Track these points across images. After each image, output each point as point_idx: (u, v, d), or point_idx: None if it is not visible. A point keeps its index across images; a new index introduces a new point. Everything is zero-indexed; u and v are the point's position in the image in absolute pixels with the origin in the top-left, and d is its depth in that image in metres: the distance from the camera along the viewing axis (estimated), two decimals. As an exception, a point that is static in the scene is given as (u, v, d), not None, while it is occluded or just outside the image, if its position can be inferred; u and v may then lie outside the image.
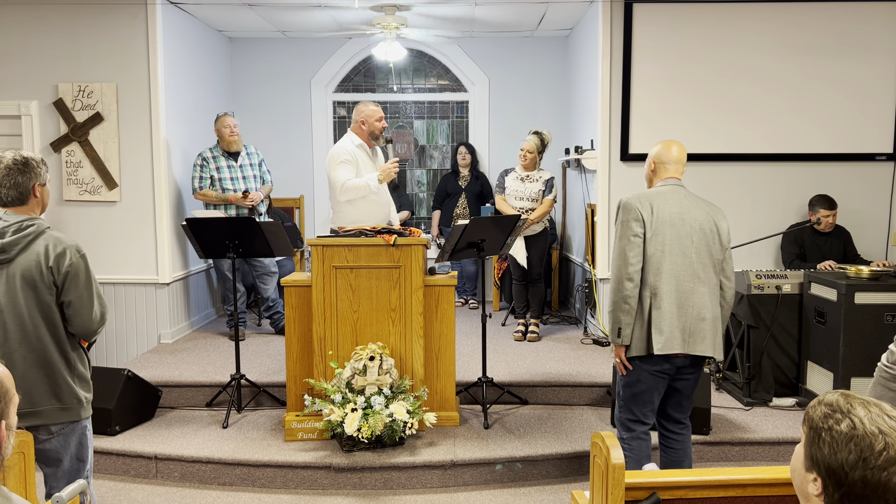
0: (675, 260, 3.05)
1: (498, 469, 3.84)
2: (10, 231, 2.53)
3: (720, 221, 3.15)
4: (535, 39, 7.06)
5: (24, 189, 2.58)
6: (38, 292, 2.57)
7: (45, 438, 2.62)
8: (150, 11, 5.30)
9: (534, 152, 5.50)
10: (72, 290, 2.59)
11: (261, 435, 4.11)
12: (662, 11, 5.22)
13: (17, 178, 2.56)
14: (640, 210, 3.05)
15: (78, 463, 2.72)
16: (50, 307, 2.59)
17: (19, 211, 2.59)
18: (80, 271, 2.61)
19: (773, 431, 4.16)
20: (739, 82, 5.27)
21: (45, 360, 2.60)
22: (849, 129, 5.31)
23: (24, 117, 5.37)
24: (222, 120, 5.56)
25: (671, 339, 3.02)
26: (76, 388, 2.66)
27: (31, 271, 2.54)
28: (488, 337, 5.19)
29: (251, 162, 5.70)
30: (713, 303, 3.11)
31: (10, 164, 2.55)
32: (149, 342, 5.52)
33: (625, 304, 3.06)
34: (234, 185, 5.54)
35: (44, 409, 2.59)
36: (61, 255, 2.57)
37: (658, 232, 3.05)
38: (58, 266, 2.56)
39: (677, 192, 3.14)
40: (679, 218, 3.07)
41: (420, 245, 4.11)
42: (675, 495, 1.97)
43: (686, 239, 3.06)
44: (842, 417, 1.33)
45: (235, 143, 5.58)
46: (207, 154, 5.56)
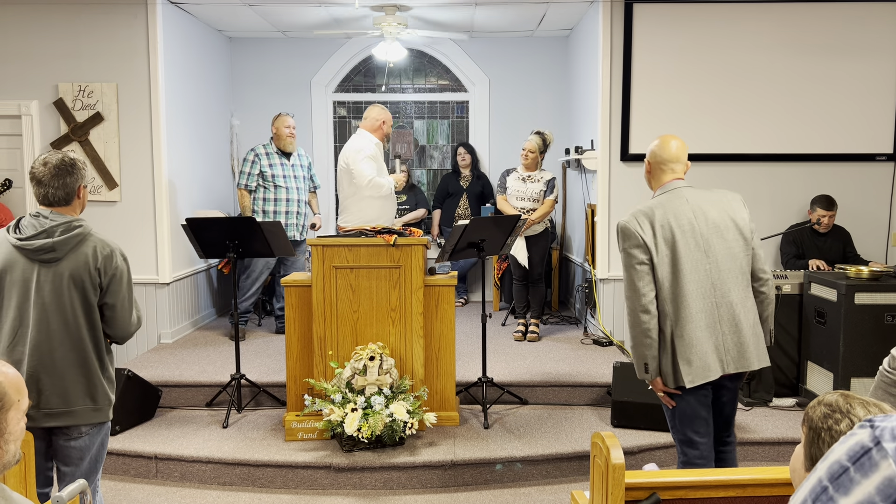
0: (690, 278, 2.77)
1: (498, 469, 3.84)
2: (58, 230, 2.57)
3: (737, 212, 2.85)
4: (535, 39, 7.06)
5: (70, 190, 2.62)
6: (85, 293, 2.61)
7: (76, 437, 2.65)
8: (150, 11, 5.30)
9: (535, 152, 5.50)
10: (116, 292, 2.65)
11: (261, 435, 4.11)
12: (662, 11, 5.22)
13: (65, 179, 2.59)
14: (641, 234, 2.79)
15: (95, 464, 2.75)
16: (93, 308, 2.64)
17: (63, 211, 2.63)
18: (125, 275, 2.68)
19: (773, 431, 4.16)
20: (740, 82, 5.27)
21: (84, 360, 2.64)
22: (849, 129, 5.31)
23: (24, 117, 5.37)
24: (283, 119, 5.63)
25: (703, 368, 2.77)
26: (108, 388, 2.71)
27: (80, 272, 2.58)
28: (488, 337, 5.20)
29: (302, 163, 5.79)
30: (748, 308, 2.82)
31: (58, 164, 2.59)
32: (149, 342, 5.52)
33: (646, 339, 2.80)
34: (287, 184, 5.62)
35: (78, 409, 2.63)
36: (109, 257, 2.62)
37: (665, 252, 2.78)
38: (105, 268, 2.61)
39: (680, 196, 2.85)
40: (687, 228, 2.79)
41: (420, 245, 4.11)
42: (675, 495, 1.97)
43: (698, 251, 2.78)
44: (841, 417, 1.33)
45: (292, 144, 5.67)
46: (261, 150, 5.62)
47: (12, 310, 2.59)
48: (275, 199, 5.60)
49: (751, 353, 2.80)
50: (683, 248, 2.78)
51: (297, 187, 5.69)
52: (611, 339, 5.43)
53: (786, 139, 5.32)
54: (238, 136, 7.00)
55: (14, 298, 2.58)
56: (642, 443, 4.01)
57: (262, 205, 5.61)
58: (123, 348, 5.54)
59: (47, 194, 2.59)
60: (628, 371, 4.31)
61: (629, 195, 5.35)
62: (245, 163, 5.62)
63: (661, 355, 2.82)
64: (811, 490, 1.14)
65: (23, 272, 2.58)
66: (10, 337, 2.59)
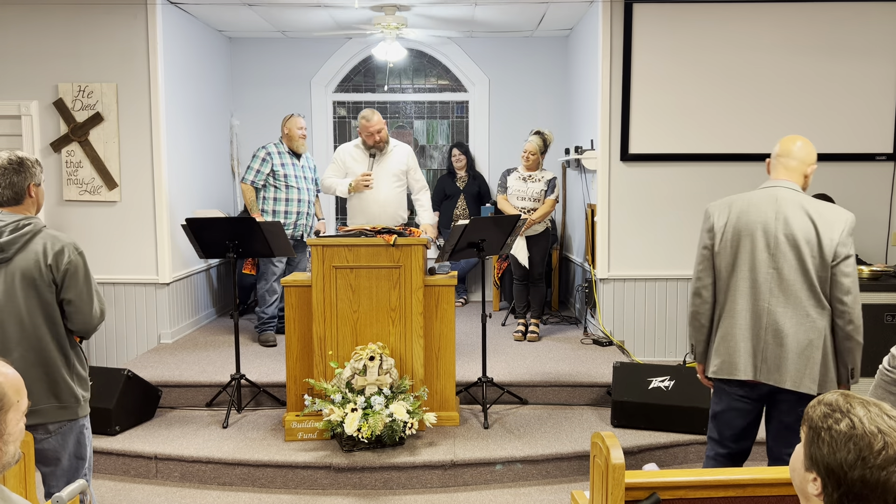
0: (745, 276, 2.72)
1: (498, 469, 3.84)
2: (7, 230, 2.54)
3: (828, 232, 2.66)
4: (535, 39, 7.06)
5: (19, 189, 2.59)
6: (38, 291, 2.57)
7: (44, 437, 2.62)
8: (150, 11, 5.30)
9: (536, 153, 5.50)
10: (72, 287, 2.61)
11: (261, 435, 4.11)
12: (662, 11, 5.21)
13: (12, 178, 2.57)
14: (715, 220, 2.80)
15: (77, 461, 2.72)
16: (51, 305, 2.60)
17: (15, 210, 2.60)
18: (79, 268, 2.62)
19: (773, 431, 4.16)
20: (740, 82, 5.27)
21: (45, 359, 2.61)
22: (849, 129, 5.31)
23: (24, 117, 5.37)
24: (295, 120, 5.59)
25: (729, 364, 2.75)
26: (74, 386, 2.67)
27: (31, 270, 2.55)
28: (488, 337, 5.20)
29: (310, 165, 5.78)
30: (804, 327, 2.68)
31: (4, 164, 2.56)
32: (149, 342, 5.51)
33: (695, 321, 2.86)
34: (298, 184, 5.59)
35: (42, 408, 2.59)
36: (60, 252, 2.58)
37: (728, 243, 2.76)
38: (57, 264, 2.57)
39: (771, 195, 2.75)
40: (760, 227, 2.72)
41: (420, 245, 4.11)
42: (675, 495, 1.97)
43: (763, 252, 2.70)
44: (841, 417, 1.33)
45: (304, 145, 5.67)
46: (273, 148, 5.57)
47: None
48: (286, 198, 5.55)
49: (788, 371, 2.68)
50: (748, 246, 2.73)
51: (308, 188, 5.68)
52: (611, 339, 5.43)
53: (786, 139, 5.32)
54: (238, 136, 7.00)
55: None
56: (642, 443, 4.01)
57: (273, 204, 5.54)
58: (124, 348, 5.54)
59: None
60: (628, 371, 4.32)
61: (629, 195, 5.35)
62: (255, 159, 5.54)
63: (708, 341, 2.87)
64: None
65: None
66: None
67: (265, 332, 5.60)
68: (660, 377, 4.22)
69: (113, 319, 5.50)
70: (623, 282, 5.42)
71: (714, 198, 5.32)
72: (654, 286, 5.43)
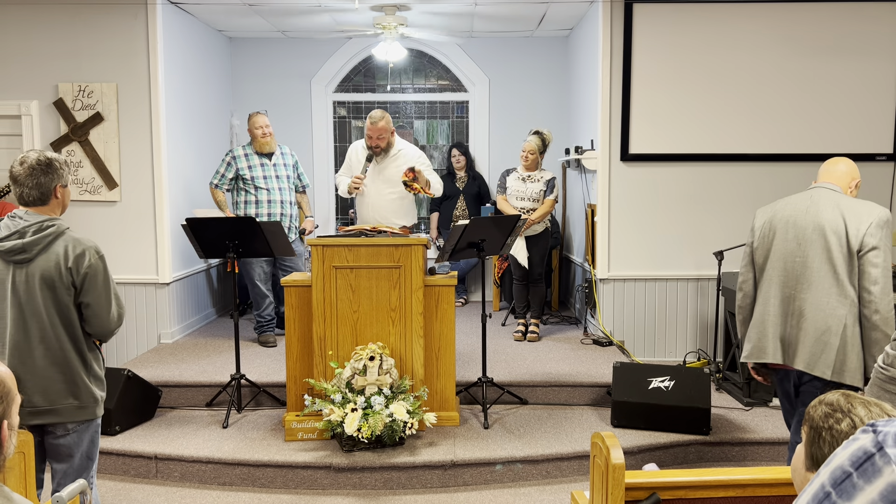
0: (776, 265, 2.93)
1: (498, 469, 3.84)
2: (30, 231, 2.56)
3: (854, 223, 2.79)
4: (535, 39, 7.06)
5: (45, 189, 2.60)
6: (57, 293, 2.60)
7: (62, 435, 2.66)
8: (150, 11, 5.30)
9: (535, 153, 5.49)
10: (90, 291, 2.63)
11: (261, 435, 4.11)
12: (662, 11, 5.22)
13: (39, 179, 2.58)
14: (757, 219, 3.04)
15: (87, 461, 2.76)
16: (68, 307, 2.62)
17: (40, 211, 2.62)
18: (99, 272, 2.64)
19: (773, 431, 4.16)
20: (740, 82, 5.27)
21: (63, 360, 2.63)
22: (849, 129, 5.31)
23: (24, 117, 5.37)
24: (253, 119, 5.43)
25: (758, 349, 2.95)
26: (92, 387, 2.71)
27: (51, 272, 2.57)
28: (488, 337, 5.19)
29: (285, 162, 5.56)
30: (825, 314, 2.80)
31: (33, 164, 2.58)
32: (149, 342, 5.51)
33: (739, 316, 3.10)
34: (268, 185, 5.42)
35: (61, 407, 2.63)
36: (80, 256, 2.60)
37: (765, 239, 2.98)
38: (77, 267, 2.59)
39: (811, 194, 2.95)
40: (791, 221, 2.91)
41: (420, 245, 4.11)
42: (675, 495, 1.97)
43: (792, 242, 2.89)
44: (842, 417, 1.33)
45: (268, 144, 5.44)
46: (239, 152, 5.44)
47: None
48: (256, 200, 5.40)
49: (803, 353, 2.83)
50: (781, 236, 2.93)
51: (280, 188, 5.47)
52: (611, 339, 5.43)
53: (786, 139, 5.32)
54: (238, 135, 7.00)
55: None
56: (642, 443, 4.01)
57: (244, 207, 5.42)
58: (124, 348, 5.54)
59: (23, 194, 2.58)
60: (628, 371, 4.32)
61: (629, 195, 5.35)
62: (221, 163, 5.44)
63: None
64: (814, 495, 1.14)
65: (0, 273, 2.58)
66: None
67: (264, 332, 5.59)
68: (660, 377, 4.22)
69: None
70: (623, 282, 5.42)
71: (714, 197, 5.35)
72: (654, 286, 5.43)
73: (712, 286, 5.30)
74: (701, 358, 5.38)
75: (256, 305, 5.57)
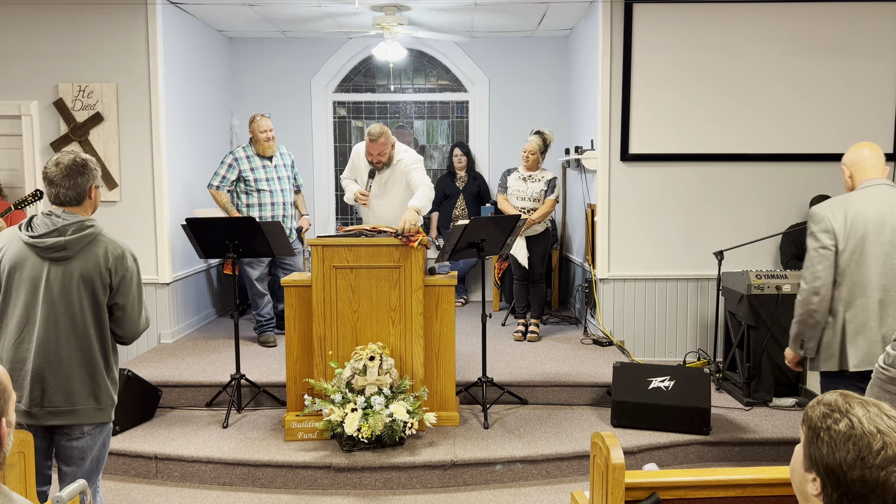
0: (874, 269, 2.87)
1: (498, 469, 3.84)
2: (70, 229, 2.59)
3: None
4: (535, 39, 7.06)
5: (81, 190, 2.64)
6: (94, 292, 2.62)
7: (77, 437, 2.66)
8: (150, 11, 5.30)
9: (536, 153, 5.49)
10: (126, 293, 2.67)
11: (261, 435, 4.11)
12: (662, 11, 5.22)
13: (76, 179, 2.61)
14: (832, 220, 2.91)
15: (97, 464, 2.76)
16: (102, 308, 2.65)
17: (75, 211, 2.65)
18: (135, 276, 2.70)
19: (773, 431, 4.16)
20: (740, 82, 5.27)
21: (90, 359, 2.65)
22: (849, 129, 5.30)
23: (24, 117, 5.37)
24: (258, 123, 5.40)
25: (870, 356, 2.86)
26: (111, 388, 2.72)
27: (90, 271, 2.60)
28: (488, 337, 5.19)
29: (284, 163, 5.58)
30: None
31: (70, 165, 2.61)
32: (149, 342, 5.52)
33: (810, 319, 2.99)
34: (270, 186, 5.43)
35: (82, 409, 2.64)
36: (120, 258, 2.65)
37: (852, 239, 2.89)
38: (116, 269, 2.64)
39: (879, 192, 2.92)
40: (878, 221, 2.88)
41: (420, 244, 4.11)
42: (675, 495, 1.97)
43: (889, 245, 2.86)
44: (840, 417, 1.33)
45: (271, 147, 5.44)
46: (240, 154, 5.42)
47: (20, 307, 2.60)
48: (259, 203, 5.41)
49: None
50: (873, 239, 2.88)
51: (282, 189, 5.49)
52: (611, 339, 5.43)
53: (786, 139, 5.32)
54: (238, 135, 7.00)
55: (23, 295, 2.60)
56: (642, 443, 4.01)
57: (247, 210, 5.43)
58: (123, 348, 5.54)
59: (59, 194, 2.62)
60: (628, 371, 4.32)
61: (629, 195, 5.35)
62: (221, 164, 5.41)
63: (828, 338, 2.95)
64: None
65: (32, 269, 2.59)
66: (17, 334, 2.60)
67: (264, 332, 5.59)
68: (660, 377, 4.22)
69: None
70: (623, 282, 5.42)
71: (714, 197, 5.35)
72: (654, 286, 5.43)
73: (712, 286, 5.30)
74: (701, 358, 5.37)
75: (254, 305, 5.57)
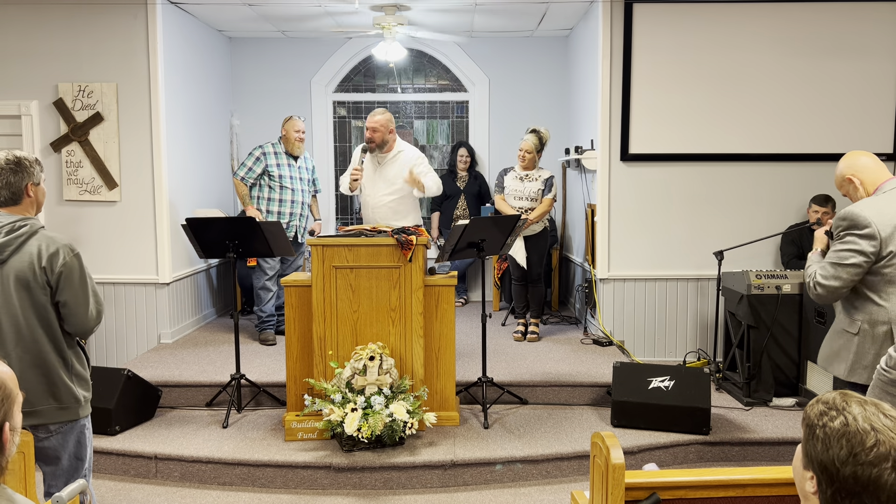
0: None
1: (498, 469, 3.85)
2: (2, 232, 2.52)
3: None
4: (535, 39, 7.06)
5: (16, 189, 2.56)
6: (32, 293, 2.55)
7: (44, 437, 2.62)
8: (150, 11, 5.30)
9: (532, 152, 5.49)
10: (66, 289, 2.58)
11: (261, 435, 4.11)
12: (662, 11, 5.21)
13: (9, 178, 2.55)
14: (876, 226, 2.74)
15: (77, 461, 2.72)
16: (45, 307, 2.58)
17: (13, 211, 2.58)
18: (74, 270, 2.59)
19: (773, 431, 4.16)
20: (740, 82, 5.27)
21: (42, 361, 2.59)
22: (849, 129, 5.30)
23: (24, 117, 5.37)
24: (294, 122, 5.59)
25: None
26: (74, 387, 2.65)
27: (25, 272, 2.53)
28: (488, 337, 5.19)
29: (307, 166, 5.77)
30: None
31: (1, 164, 2.54)
32: (149, 342, 5.52)
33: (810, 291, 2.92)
34: (293, 185, 5.59)
35: (42, 409, 2.59)
36: (54, 254, 2.56)
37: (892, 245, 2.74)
38: (51, 266, 2.55)
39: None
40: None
41: (420, 245, 4.11)
42: (675, 495, 1.97)
43: None
44: (836, 415, 1.33)
45: (300, 148, 5.64)
46: (269, 149, 5.58)
47: None
48: (280, 199, 5.57)
49: None
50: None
51: (303, 189, 5.69)
52: (611, 339, 5.43)
53: (786, 139, 5.32)
54: (238, 136, 7.00)
55: None
56: (642, 443, 4.01)
57: (268, 204, 5.56)
58: (124, 348, 5.54)
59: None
60: (628, 371, 4.32)
61: (629, 195, 5.35)
62: (249, 157, 5.56)
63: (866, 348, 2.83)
64: None
65: None
66: None
67: (264, 330, 5.60)
68: (660, 377, 4.22)
69: (113, 319, 5.50)
70: (623, 282, 5.42)
71: (714, 197, 5.35)
72: (655, 286, 5.43)
73: (712, 286, 5.30)
74: (701, 358, 5.37)
75: (258, 300, 5.60)
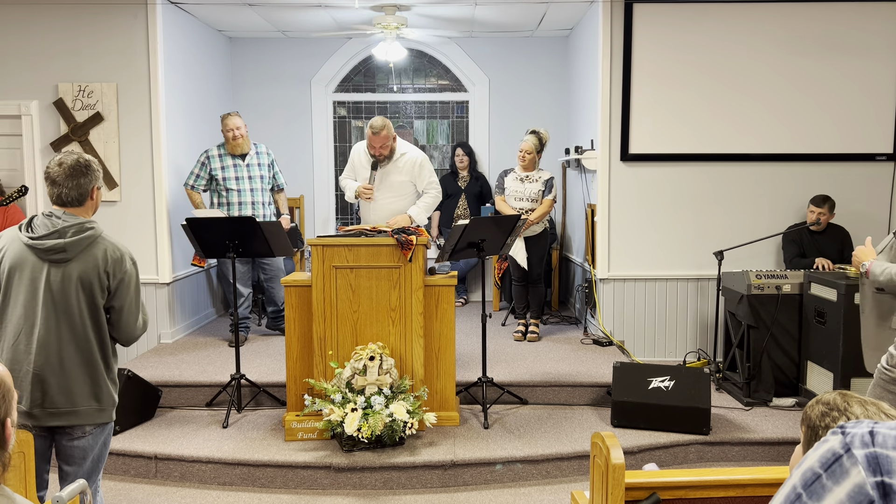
0: None
1: (498, 469, 3.85)
2: (70, 231, 2.58)
3: None
4: (535, 39, 7.06)
5: (84, 191, 2.63)
6: (93, 294, 2.62)
7: (79, 437, 2.67)
8: (150, 11, 5.30)
9: (532, 153, 5.49)
10: (123, 295, 2.67)
11: (261, 435, 4.11)
12: (662, 11, 5.21)
13: (79, 180, 2.61)
14: None
15: (98, 464, 2.76)
16: (99, 310, 2.65)
17: (76, 212, 2.64)
18: (133, 278, 2.69)
19: (773, 431, 4.16)
20: (740, 82, 5.26)
21: (90, 361, 2.65)
22: (849, 129, 5.31)
23: (24, 117, 5.37)
24: (225, 122, 5.37)
25: None
26: (112, 389, 2.73)
27: (89, 273, 2.60)
28: (488, 337, 5.19)
29: (260, 162, 5.49)
30: None
31: (73, 165, 2.60)
32: (149, 342, 5.52)
33: None
34: (240, 186, 5.38)
35: (83, 409, 2.64)
36: (119, 260, 2.65)
37: None
38: (114, 272, 2.64)
39: None
40: None
41: (419, 245, 4.11)
42: (675, 495, 1.97)
43: None
44: (838, 416, 1.33)
45: (239, 146, 5.38)
46: (213, 152, 5.41)
47: (19, 307, 2.60)
48: (227, 202, 5.38)
49: None
50: None
51: (252, 189, 5.41)
52: (611, 339, 5.43)
53: (786, 139, 5.32)
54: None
55: (22, 296, 2.60)
56: (642, 443, 4.01)
57: (218, 208, 5.40)
58: (124, 348, 5.53)
59: (61, 194, 2.61)
60: (628, 371, 4.32)
61: (629, 195, 5.35)
62: (195, 163, 5.42)
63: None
64: (786, 497, 1.17)
65: (32, 271, 2.59)
66: (16, 335, 2.60)
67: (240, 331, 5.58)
68: (660, 377, 4.22)
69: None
70: (623, 282, 5.42)
71: (714, 197, 5.35)
72: (654, 286, 5.43)
73: (712, 286, 5.30)
74: (701, 358, 5.37)
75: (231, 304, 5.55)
